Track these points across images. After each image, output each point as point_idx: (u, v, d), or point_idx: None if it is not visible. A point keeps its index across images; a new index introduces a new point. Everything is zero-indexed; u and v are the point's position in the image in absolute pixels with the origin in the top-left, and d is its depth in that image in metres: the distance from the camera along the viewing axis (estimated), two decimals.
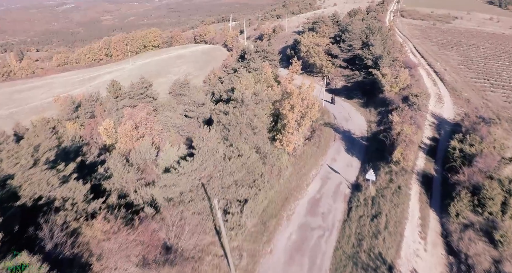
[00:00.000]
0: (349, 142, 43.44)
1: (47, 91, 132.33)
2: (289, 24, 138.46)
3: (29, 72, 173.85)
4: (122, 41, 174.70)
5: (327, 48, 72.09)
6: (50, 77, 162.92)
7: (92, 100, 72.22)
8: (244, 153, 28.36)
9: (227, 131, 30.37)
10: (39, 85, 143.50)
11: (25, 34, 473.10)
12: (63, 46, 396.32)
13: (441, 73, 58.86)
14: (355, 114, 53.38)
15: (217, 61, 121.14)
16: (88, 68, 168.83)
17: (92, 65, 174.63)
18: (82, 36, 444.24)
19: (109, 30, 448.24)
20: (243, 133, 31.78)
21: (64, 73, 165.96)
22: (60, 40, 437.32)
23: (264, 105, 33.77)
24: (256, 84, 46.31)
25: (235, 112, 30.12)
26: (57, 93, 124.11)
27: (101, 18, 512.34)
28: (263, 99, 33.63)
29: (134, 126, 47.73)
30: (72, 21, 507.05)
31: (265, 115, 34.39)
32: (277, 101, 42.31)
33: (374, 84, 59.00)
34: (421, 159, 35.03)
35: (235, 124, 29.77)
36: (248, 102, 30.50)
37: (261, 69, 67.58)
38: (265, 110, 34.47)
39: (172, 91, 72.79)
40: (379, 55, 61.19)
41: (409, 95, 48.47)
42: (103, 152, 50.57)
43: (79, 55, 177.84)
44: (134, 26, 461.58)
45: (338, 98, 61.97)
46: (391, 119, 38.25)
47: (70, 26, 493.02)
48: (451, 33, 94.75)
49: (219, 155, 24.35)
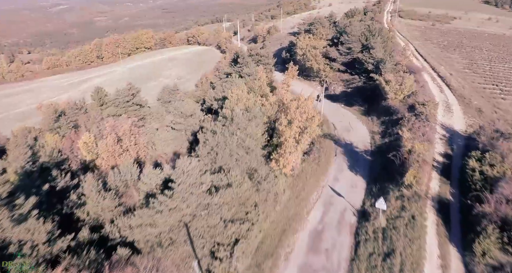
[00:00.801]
0: (351, 157, 39.22)
1: (35, 96, 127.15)
2: (284, 25, 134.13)
3: (18, 75, 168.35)
4: (114, 43, 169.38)
5: (324, 51, 67.88)
6: (39, 80, 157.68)
7: (76, 109, 67.44)
8: (235, 181, 24.03)
9: (215, 154, 26.02)
10: (28, 89, 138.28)
11: (17, 35, 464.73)
12: (56, 47, 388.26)
13: (447, 78, 54.85)
14: (356, 124, 49.17)
15: (210, 64, 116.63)
16: (78, 71, 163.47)
17: (83, 68, 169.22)
18: (75, 37, 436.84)
19: (103, 31, 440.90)
20: (233, 155, 27.44)
21: (54, 76, 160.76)
22: (53, 42, 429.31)
23: (258, 121, 29.43)
24: (249, 93, 41.96)
25: (224, 132, 25.79)
26: (45, 98, 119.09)
27: (94, 19, 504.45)
28: (257, 115, 29.27)
29: (117, 140, 43.30)
30: (65, 22, 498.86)
31: (259, 133, 30.03)
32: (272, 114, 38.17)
33: (375, 90, 54.87)
34: (435, 181, 30.85)
35: (224, 147, 25.45)
36: (239, 120, 26.20)
37: (255, 74, 63.19)
38: (259, 127, 30.12)
39: (161, 98, 68.31)
40: (380, 59, 57.05)
41: (416, 104, 44.35)
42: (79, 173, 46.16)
43: (70, 58, 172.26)
44: (128, 27, 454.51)
45: (337, 105, 57.79)
46: (401, 134, 33.99)
47: (63, 27, 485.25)
48: (452, 34, 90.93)
49: (204, 189, 20.02)
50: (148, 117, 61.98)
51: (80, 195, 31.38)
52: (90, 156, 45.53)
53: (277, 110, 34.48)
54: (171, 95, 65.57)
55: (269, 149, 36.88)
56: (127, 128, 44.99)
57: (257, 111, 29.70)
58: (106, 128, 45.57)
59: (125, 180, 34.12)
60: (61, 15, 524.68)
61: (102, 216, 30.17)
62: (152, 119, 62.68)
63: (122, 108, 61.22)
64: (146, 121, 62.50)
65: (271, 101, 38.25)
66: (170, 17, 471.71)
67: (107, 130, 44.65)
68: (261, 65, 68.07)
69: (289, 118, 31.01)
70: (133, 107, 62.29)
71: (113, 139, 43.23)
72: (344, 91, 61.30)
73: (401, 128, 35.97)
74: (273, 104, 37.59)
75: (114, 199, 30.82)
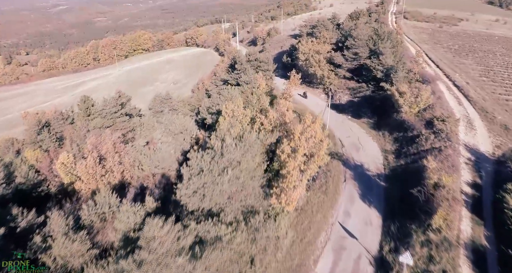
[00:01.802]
0: (363, 183, 34.04)
1: (29, 100, 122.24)
2: (285, 27, 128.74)
3: (13, 78, 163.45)
4: (110, 45, 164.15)
5: (328, 56, 62.58)
6: (34, 83, 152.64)
7: (62, 119, 62.43)
8: (225, 235, 18.88)
9: (202, 196, 20.84)
10: (21, 93, 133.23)
11: (17, 36, 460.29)
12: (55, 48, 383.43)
13: (464, 88, 49.55)
14: (366, 140, 43.95)
15: (208, 67, 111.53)
16: (74, 74, 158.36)
17: (79, 70, 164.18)
18: (75, 38, 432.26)
19: (103, 32, 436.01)
20: (224, 194, 22.28)
21: (50, 79, 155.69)
22: (52, 42, 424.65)
23: (254, 151, 24.23)
24: (246, 108, 36.73)
25: (213, 169, 20.62)
26: (37, 103, 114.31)
27: (94, 20, 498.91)
28: (253, 145, 24.07)
29: (99, 160, 38.15)
30: (65, 23, 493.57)
31: (257, 164, 24.84)
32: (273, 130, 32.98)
33: (386, 101, 49.66)
34: (466, 220, 25.64)
35: (213, 188, 20.30)
36: (232, 155, 21.05)
37: (254, 81, 58.00)
38: (257, 157, 24.92)
39: (152, 108, 63.14)
40: (390, 66, 51.81)
41: (434, 120, 39.13)
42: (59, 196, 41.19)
43: (66, 60, 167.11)
44: (128, 28, 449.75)
45: (343, 116, 52.58)
46: (425, 164, 28.72)
47: (63, 27, 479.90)
48: (461, 37, 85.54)
49: (181, 263, 14.87)
50: (138, 129, 56.92)
51: (45, 236, 26.22)
52: (68, 178, 40.45)
53: (278, 133, 29.35)
54: (163, 104, 60.40)
55: (268, 174, 31.79)
56: (110, 146, 39.85)
57: (254, 139, 24.51)
58: (87, 146, 40.43)
59: (103, 213, 29.03)
60: (60, 16, 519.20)
61: (71, 262, 25.03)
62: (142, 131, 57.68)
63: (109, 119, 56.05)
64: (136, 133, 57.55)
65: (271, 118, 33.03)
66: (169, 17, 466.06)
67: (88, 148, 39.52)
68: (260, 71, 62.85)
69: (292, 145, 25.81)
70: (121, 118, 57.07)
71: (94, 159, 38.12)
72: (350, 100, 56.02)
73: (426, 158, 30.62)
74: (273, 123, 32.38)
75: (86, 240, 25.67)
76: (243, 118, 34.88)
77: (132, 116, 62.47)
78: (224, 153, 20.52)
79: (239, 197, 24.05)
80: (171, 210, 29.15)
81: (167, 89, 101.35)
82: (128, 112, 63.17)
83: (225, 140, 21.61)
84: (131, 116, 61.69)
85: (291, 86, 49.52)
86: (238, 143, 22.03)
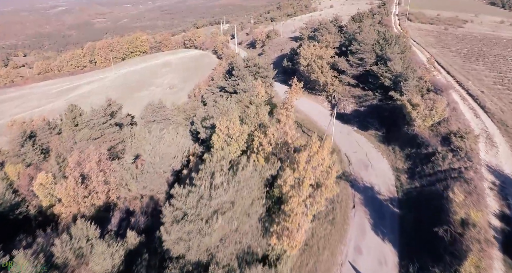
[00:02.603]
0: (374, 210, 30.18)
1: (21, 104, 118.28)
2: (285, 29, 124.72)
3: (8, 81, 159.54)
4: (107, 47, 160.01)
5: (332, 61, 58.60)
6: (29, 86, 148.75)
7: (49, 129, 58.50)
8: None
9: (187, 246, 16.93)
10: (16, 97, 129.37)
11: (16, 37, 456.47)
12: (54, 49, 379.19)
13: (479, 97, 45.58)
14: (375, 156, 40.04)
15: (205, 70, 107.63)
16: (70, 76, 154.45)
17: (75, 73, 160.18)
18: (74, 39, 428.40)
19: (102, 33, 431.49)
20: (215, 237, 18.37)
21: (45, 82, 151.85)
22: (51, 44, 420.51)
23: (251, 186, 20.30)
24: (242, 123, 32.79)
25: (201, 213, 16.71)
26: (30, 107, 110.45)
27: (93, 21, 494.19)
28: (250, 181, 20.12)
29: (81, 180, 34.40)
30: (64, 24, 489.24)
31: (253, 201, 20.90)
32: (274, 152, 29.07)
33: (395, 111, 45.76)
34: (497, 263, 21.71)
35: (200, 238, 16.39)
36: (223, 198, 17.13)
37: (253, 89, 54.08)
38: (254, 192, 20.99)
39: (144, 117, 59.05)
40: (399, 74, 47.88)
41: (451, 136, 35.20)
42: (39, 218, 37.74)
43: (62, 62, 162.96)
44: (127, 29, 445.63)
45: (349, 127, 48.65)
46: (450, 196, 24.78)
47: (62, 29, 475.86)
48: (469, 40, 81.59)
49: None
50: (129, 140, 53.07)
51: None
52: (47, 201, 36.65)
53: (278, 162, 25.44)
54: (156, 113, 56.34)
55: (268, 201, 27.92)
56: (94, 164, 36.03)
57: (250, 172, 20.53)
58: (68, 164, 36.54)
59: (79, 248, 25.15)
60: (59, 17, 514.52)
61: None
62: (133, 142, 53.81)
63: (97, 130, 52.10)
64: (127, 145, 53.72)
65: (271, 137, 29.04)
66: (169, 18, 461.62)
67: (69, 167, 35.64)
68: (259, 78, 58.89)
69: (297, 176, 21.90)
70: (110, 129, 53.13)
71: (75, 179, 34.38)
72: (356, 110, 52.05)
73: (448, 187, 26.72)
74: (273, 143, 28.40)
75: None
76: (240, 136, 30.98)
77: (123, 125, 58.59)
78: (213, 195, 16.62)
79: (233, 239, 20.17)
80: (157, 246, 25.30)
81: (163, 94, 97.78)
82: (118, 122, 59.30)
83: (214, 178, 17.70)
84: (122, 126, 57.86)
85: (292, 95, 45.57)
86: (231, 179, 18.10)
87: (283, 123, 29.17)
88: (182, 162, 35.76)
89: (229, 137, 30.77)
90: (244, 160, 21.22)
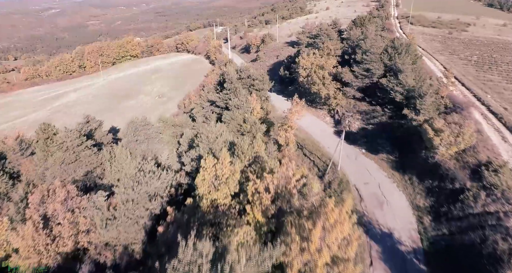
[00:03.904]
0: (396, 267, 23.67)
1: (3, 114, 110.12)
2: (280, 33, 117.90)
3: None
4: (96, 51, 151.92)
5: (334, 71, 51.98)
6: (15, 93, 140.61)
7: (21, 149, 51.42)
8: None
9: None
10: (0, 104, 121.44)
11: (8, 40, 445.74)
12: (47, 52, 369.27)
13: (503, 116, 38.94)
14: (389, 188, 33.46)
15: (197, 77, 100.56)
16: (58, 82, 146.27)
17: (64, 78, 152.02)
18: (67, 42, 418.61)
19: (95, 35, 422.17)
20: None
21: (32, 89, 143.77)
22: (44, 46, 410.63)
23: None
24: (234, 161, 25.96)
25: None
26: (12, 117, 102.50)
27: (87, 23, 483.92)
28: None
29: (42, 225, 27.66)
30: (57, 26, 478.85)
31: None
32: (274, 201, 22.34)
33: (409, 131, 39.26)
34: None
35: None
36: None
37: (247, 105, 47.26)
38: None
39: (126, 136, 51.86)
40: (412, 88, 41.39)
41: (482, 169, 28.72)
42: None
43: (49, 68, 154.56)
44: (121, 31, 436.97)
45: (356, 150, 42.01)
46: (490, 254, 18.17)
47: (55, 31, 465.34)
48: (476, 46, 75.44)
49: None
50: (108, 164, 46.14)
51: None
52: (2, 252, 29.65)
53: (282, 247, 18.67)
54: (138, 132, 49.21)
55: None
56: (59, 206, 29.32)
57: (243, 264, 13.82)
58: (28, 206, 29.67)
59: None
60: (53, 19, 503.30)
61: None
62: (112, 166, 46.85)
63: (72, 154, 45.07)
64: (106, 168, 46.82)
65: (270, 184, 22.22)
66: (163, 20, 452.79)
67: (30, 209, 28.86)
68: (254, 91, 52.07)
69: (307, 258, 15.17)
70: (87, 151, 46.06)
71: (35, 225, 27.67)
72: (363, 128, 45.43)
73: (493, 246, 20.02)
74: (273, 192, 21.62)
75: None
76: (230, 177, 24.15)
77: (103, 145, 51.62)
78: None
79: None
80: None
81: (152, 103, 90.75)
82: (98, 140, 52.37)
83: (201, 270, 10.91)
84: (102, 146, 50.93)
85: (293, 115, 38.80)
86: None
87: (285, 166, 22.33)
88: (162, 204, 28.85)
89: (217, 179, 24.00)
90: (235, 253, 14.27)
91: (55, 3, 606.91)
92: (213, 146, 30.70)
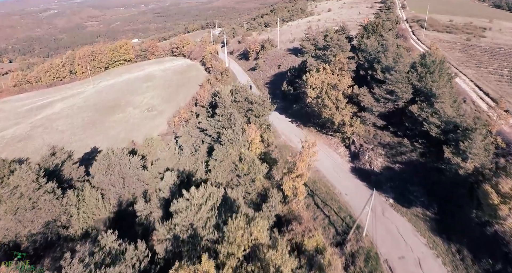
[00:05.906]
0: None
1: None
2: (281, 37, 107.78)
3: None
4: (88, 56, 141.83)
5: (350, 92, 42.31)
6: (1, 101, 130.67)
7: None
8: None
9: None
10: None
11: (6, 41, 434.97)
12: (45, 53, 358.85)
13: None
14: (433, 266, 23.93)
15: (190, 88, 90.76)
16: (48, 89, 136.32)
17: (54, 84, 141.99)
18: (65, 43, 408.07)
19: (94, 36, 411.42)
20: None
21: (19, 96, 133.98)
22: (42, 47, 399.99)
23: None
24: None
25: None
26: None
27: (85, 24, 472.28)
28: None
29: None
30: (55, 27, 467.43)
31: None
32: None
33: (451, 179, 29.70)
34: None
35: None
36: None
37: (243, 138, 37.60)
38: None
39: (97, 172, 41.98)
40: (452, 121, 31.82)
41: None
42: None
43: (39, 73, 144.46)
44: (119, 32, 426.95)
45: (382, 199, 32.37)
46: None
47: (53, 32, 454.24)
48: (502, 55, 65.58)
49: None
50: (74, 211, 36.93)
51: None
52: None
53: None
54: (112, 169, 39.36)
55: None
56: None
57: None
58: None
59: None
60: (51, 20, 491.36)
61: None
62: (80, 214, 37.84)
63: (28, 201, 35.73)
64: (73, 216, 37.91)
65: None
66: (161, 21, 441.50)
67: None
68: (253, 117, 42.33)
69: None
70: (47, 196, 36.46)
71: None
72: (388, 167, 35.72)
73: None
74: None
75: None
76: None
77: (72, 183, 42.14)
78: None
79: None
80: None
81: (140, 118, 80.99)
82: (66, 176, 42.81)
83: None
84: (70, 185, 41.51)
85: (304, 162, 29.10)
86: None
87: None
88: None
89: None
90: None
91: (53, 4, 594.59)
92: (194, 223, 21.14)
